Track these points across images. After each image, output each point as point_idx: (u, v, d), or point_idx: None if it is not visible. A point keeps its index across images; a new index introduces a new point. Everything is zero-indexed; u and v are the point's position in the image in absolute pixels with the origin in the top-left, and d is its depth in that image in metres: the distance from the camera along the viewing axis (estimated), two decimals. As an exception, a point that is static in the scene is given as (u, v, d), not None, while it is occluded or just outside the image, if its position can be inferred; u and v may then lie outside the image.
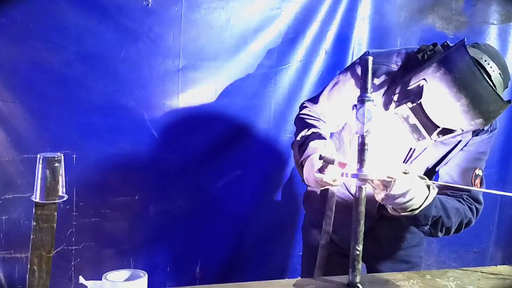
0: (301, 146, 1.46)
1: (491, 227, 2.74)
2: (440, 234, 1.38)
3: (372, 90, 1.39)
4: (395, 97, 1.29)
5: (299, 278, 1.40)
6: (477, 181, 1.43)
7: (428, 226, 1.34)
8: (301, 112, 1.64)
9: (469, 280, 1.39)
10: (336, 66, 2.27)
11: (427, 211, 1.28)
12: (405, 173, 1.21)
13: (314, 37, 2.23)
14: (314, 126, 1.52)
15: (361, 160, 1.20)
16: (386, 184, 1.23)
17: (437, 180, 1.48)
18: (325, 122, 1.57)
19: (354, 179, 1.22)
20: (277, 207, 2.33)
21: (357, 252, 1.21)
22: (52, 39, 1.84)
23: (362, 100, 1.19)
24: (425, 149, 1.43)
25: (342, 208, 1.56)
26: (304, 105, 1.65)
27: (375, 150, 1.24)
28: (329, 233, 1.56)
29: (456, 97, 1.14)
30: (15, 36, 1.80)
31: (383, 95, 1.37)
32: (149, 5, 1.95)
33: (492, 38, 2.50)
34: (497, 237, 2.77)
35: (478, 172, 1.44)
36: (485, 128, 1.40)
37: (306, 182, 1.41)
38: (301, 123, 1.58)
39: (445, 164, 1.47)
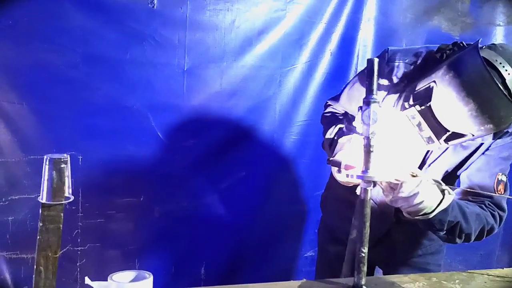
0: (331, 144, 1.45)
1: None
2: (458, 241, 1.33)
3: (387, 91, 1.37)
4: (407, 98, 1.27)
5: (304, 280, 1.39)
6: (500, 186, 1.36)
7: (445, 232, 1.29)
8: (325, 111, 1.64)
9: (476, 283, 1.37)
10: (341, 67, 2.27)
11: (442, 216, 1.24)
12: (413, 175, 1.19)
13: (319, 38, 2.22)
14: (340, 122, 1.51)
15: (366, 162, 1.19)
16: (393, 187, 1.21)
17: (459, 185, 1.43)
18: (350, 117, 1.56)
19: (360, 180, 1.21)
20: (282, 209, 2.32)
21: (363, 254, 1.21)
22: (58, 41, 1.85)
23: (367, 101, 1.17)
24: (443, 152, 1.38)
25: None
26: (328, 103, 1.64)
27: (386, 151, 1.22)
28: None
29: (464, 101, 1.10)
30: (21, 38, 1.81)
31: (399, 94, 1.34)
32: (155, 7, 1.95)
33: (498, 39, 2.48)
34: (503, 239, 2.75)
35: (501, 177, 1.37)
36: (510, 130, 1.34)
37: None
38: (327, 121, 1.58)
39: (466, 169, 1.41)
